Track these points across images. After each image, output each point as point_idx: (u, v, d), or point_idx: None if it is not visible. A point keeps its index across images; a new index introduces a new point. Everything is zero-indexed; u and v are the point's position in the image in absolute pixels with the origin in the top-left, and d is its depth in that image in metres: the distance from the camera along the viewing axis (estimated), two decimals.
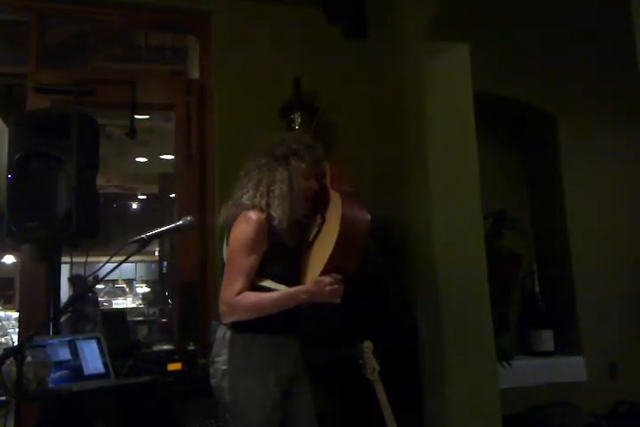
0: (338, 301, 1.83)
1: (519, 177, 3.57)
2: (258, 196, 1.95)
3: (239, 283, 1.84)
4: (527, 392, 3.02)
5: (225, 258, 1.97)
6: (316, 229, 1.98)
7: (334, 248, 1.79)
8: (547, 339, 3.21)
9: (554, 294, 3.31)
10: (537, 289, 3.29)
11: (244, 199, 1.96)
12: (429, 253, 2.51)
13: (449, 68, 2.60)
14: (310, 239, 1.98)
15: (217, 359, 1.92)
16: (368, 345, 2.11)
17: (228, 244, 1.96)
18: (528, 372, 3.06)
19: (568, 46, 3.29)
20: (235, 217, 1.95)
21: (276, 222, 1.90)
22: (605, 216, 3.32)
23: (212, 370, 1.93)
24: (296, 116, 2.83)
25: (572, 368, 3.15)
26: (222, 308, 1.86)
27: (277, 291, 1.87)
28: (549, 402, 3.02)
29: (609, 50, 3.34)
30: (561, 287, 3.31)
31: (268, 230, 1.90)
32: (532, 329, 3.26)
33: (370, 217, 1.89)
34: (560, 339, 3.23)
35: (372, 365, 2.08)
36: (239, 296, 1.83)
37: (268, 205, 1.93)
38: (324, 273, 1.81)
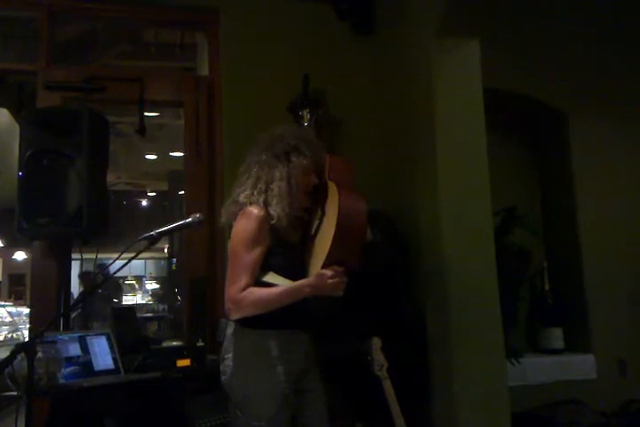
0: (340, 294, 1.83)
1: (530, 174, 3.54)
2: (255, 193, 1.93)
3: (243, 279, 1.84)
4: (536, 390, 3.00)
5: (229, 254, 1.97)
6: (317, 222, 1.97)
7: (333, 239, 1.78)
8: (556, 336, 3.20)
9: (563, 292, 3.29)
10: (547, 287, 3.27)
11: (242, 198, 1.95)
12: (438, 250, 2.51)
13: (459, 65, 2.58)
14: (312, 233, 1.98)
15: (226, 356, 1.92)
16: (376, 342, 2.11)
17: (230, 240, 1.96)
18: (537, 369, 3.05)
19: (580, 43, 3.27)
20: (235, 215, 1.95)
21: (274, 221, 1.89)
22: (617, 214, 3.29)
23: (222, 367, 1.94)
24: (304, 112, 2.83)
25: (582, 366, 3.13)
26: (228, 305, 1.87)
27: (281, 285, 1.87)
28: (558, 400, 3.01)
29: (623, 47, 3.32)
30: (571, 285, 3.29)
31: (268, 225, 1.90)
32: (542, 327, 3.24)
33: (367, 206, 1.87)
34: (570, 336, 3.21)
35: (380, 361, 2.08)
36: (244, 292, 1.83)
37: (267, 203, 1.91)
38: (325, 266, 1.80)
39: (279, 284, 1.88)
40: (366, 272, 1.95)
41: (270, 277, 1.89)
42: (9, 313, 7.77)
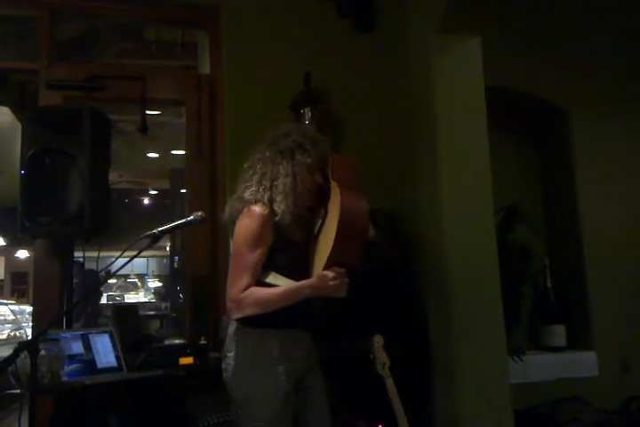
0: (343, 294, 1.82)
1: (532, 172, 3.54)
2: (261, 190, 1.92)
3: (245, 279, 1.84)
4: (538, 387, 3.01)
5: (231, 253, 1.96)
6: (319, 221, 1.96)
7: (335, 240, 1.78)
8: (558, 334, 3.20)
9: (566, 289, 3.29)
10: (549, 284, 3.27)
11: (247, 194, 1.94)
12: (440, 248, 2.51)
13: (460, 62, 2.58)
14: (315, 232, 1.97)
15: (228, 354, 1.93)
16: (378, 340, 2.11)
17: (233, 238, 1.95)
18: (539, 367, 3.05)
19: (581, 41, 3.26)
20: (239, 212, 1.94)
21: (278, 218, 1.88)
22: (618, 211, 3.29)
23: (224, 365, 1.94)
24: (306, 110, 2.83)
25: (584, 363, 3.14)
26: (229, 304, 1.87)
27: (282, 286, 1.86)
28: (560, 397, 3.01)
29: (623, 45, 3.31)
30: (573, 282, 3.29)
31: (272, 224, 1.89)
32: (544, 324, 3.24)
33: (368, 206, 1.86)
34: (572, 334, 3.21)
35: (382, 359, 2.09)
36: (245, 292, 1.83)
37: (271, 200, 1.91)
38: (327, 266, 1.79)
39: (281, 285, 1.87)
40: (368, 271, 1.95)
41: (272, 278, 1.89)
42: (12, 311, 7.80)
